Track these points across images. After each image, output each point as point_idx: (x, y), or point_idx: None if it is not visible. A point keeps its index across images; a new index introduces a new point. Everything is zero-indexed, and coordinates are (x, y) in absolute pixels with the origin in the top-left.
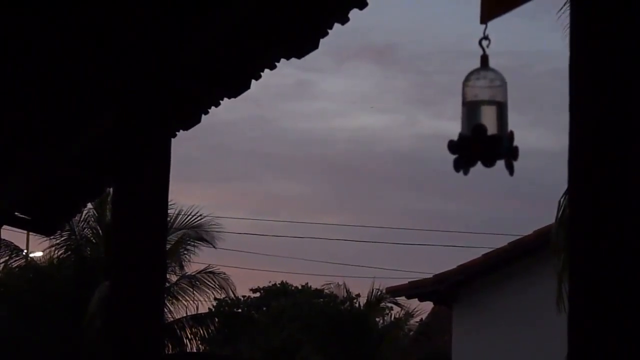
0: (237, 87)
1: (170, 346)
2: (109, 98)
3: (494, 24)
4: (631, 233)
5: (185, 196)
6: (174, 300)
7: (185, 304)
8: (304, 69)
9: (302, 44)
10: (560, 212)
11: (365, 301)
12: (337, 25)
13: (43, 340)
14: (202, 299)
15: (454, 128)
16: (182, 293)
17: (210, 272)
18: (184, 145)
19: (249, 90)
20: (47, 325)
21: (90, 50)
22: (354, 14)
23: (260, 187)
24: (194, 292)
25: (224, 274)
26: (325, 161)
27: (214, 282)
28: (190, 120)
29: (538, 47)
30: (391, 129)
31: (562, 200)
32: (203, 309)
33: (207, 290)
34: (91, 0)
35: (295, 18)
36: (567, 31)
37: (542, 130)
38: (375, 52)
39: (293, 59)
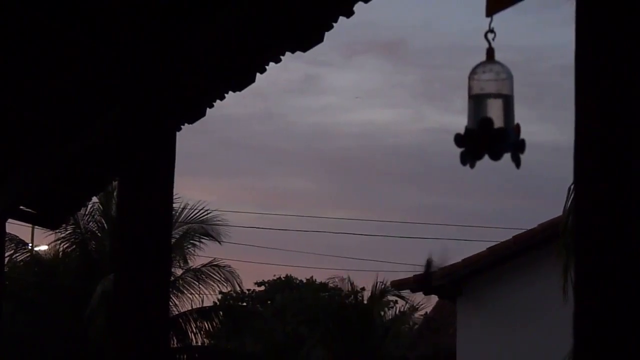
0: (242, 81)
1: (175, 339)
2: (113, 92)
3: (503, 18)
4: (637, 227)
5: (191, 190)
6: (179, 294)
7: (191, 297)
8: (312, 63)
9: (307, 37)
10: (570, 200)
11: (369, 295)
12: (345, 20)
13: (47, 333)
14: (207, 293)
15: (462, 122)
16: (187, 286)
17: (215, 265)
18: (190, 139)
19: (256, 84)
20: (52, 318)
21: (94, 44)
22: (361, 8)
23: (267, 181)
24: (199, 285)
25: (229, 267)
26: (332, 155)
27: (220, 275)
28: (195, 113)
29: (548, 41)
30: (399, 124)
31: (571, 187)
32: (208, 303)
33: (213, 284)
34: None
35: (299, 11)
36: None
37: (550, 125)
38: (383, 46)
39: (299, 53)
